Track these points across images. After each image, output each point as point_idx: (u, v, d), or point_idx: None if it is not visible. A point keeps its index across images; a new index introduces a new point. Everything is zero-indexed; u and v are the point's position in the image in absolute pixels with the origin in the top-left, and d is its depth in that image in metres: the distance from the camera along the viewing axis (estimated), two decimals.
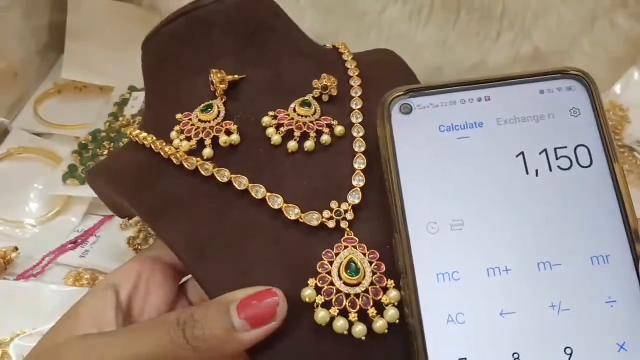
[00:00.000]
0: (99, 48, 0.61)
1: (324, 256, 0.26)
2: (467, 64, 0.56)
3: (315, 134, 0.29)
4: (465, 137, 0.26)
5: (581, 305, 0.23)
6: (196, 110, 0.30)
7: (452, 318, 0.23)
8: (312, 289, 0.25)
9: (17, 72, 0.58)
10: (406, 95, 0.27)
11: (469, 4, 0.53)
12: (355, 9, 0.55)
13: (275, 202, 0.27)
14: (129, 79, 0.59)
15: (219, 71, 0.30)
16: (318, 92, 0.30)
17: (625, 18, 0.56)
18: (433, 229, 0.25)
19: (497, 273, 0.24)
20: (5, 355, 0.39)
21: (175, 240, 0.28)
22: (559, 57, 0.57)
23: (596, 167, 0.25)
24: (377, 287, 0.25)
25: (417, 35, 0.54)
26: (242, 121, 0.30)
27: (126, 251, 0.46)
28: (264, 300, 0.24)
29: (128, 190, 0.30)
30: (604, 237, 0.24)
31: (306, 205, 0.27)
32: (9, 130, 0.56)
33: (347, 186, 0.28)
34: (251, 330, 0.24)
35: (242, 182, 0.28)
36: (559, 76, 0.27)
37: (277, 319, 0.24)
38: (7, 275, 0.45)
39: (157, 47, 0.32)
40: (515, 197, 0.25)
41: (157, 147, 0.29)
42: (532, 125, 0.26)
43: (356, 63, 0.33)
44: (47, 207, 0.50)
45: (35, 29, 0.60)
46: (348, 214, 0.27)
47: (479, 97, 0.26)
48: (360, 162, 0.28)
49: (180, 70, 0.32)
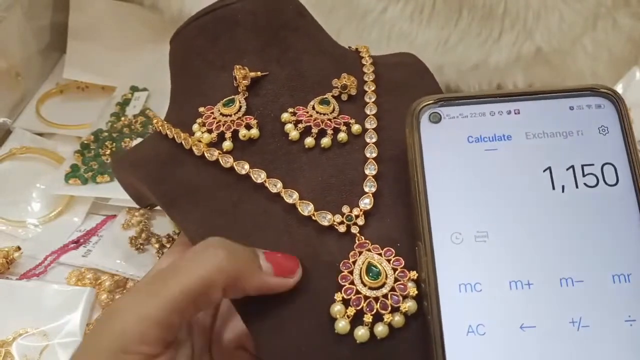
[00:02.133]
0: (101, 48, 0.61)
1: (342, 267, 0.26)
2: (468, 64, 0.56)
3: (332, 131, 0.30)
4: (493, 149, 0.26)
5: (601, 323, 0.23)
6: (218, 104, 0.31)
7: (473, 329, 0.23)
8: (341, 304, 0.25)
9: (19, 72, 0.58)
10: (436, 105, 0.27)
11: (470, 3, 0.53)
12: (356, 9, 0.55)
13: (290, 197, 0.28)
14: (131, 79, 0.59)
15: (242, 67, 0.31)
16: (337, 91, 0.31)
17: (628, 17, 0.56)
18: (458, 240, 0.25)
19: (520, 287, 0.24)
20: (7, 355, 0.39)
21: (190, 227, 0.29)
22: (561, 57, 0.56)
23: (622, 186, 0.25)
24: (403, 283, 0.25)
25: (419, 35, 0.54)
26: (262, 116, 0.31)
27: (128, 251, 0.46)
28: (288, 257, 0.26)
29: (149, 176, 0.31)
30: (626, 256, 0.24)
31: (320, 200, 0.28)
32: (11, 130, 0.56)
33: (360, 182, 0.28)
34: (274, 278, 0.25)
35: (259, 176, 0.28)
36: (589, 93, 0.27)
37: (295, 277, 0.26)
38: (9, 275, 0.45)
39: (184, 42, 0.33)
40: (540, 212, 0.25)
41: (180, 138, 0.30)
42: (560, 141, 0.26)
43: (374, 68, 0.34)
44: (50, 207, 0.50)
45: (38, 29, 0.60)
46: (359, 219, 0.27)
47: (508, 110, 0.27)
48: (372, 169, 0.29)
49: (206, 65, 0.32)
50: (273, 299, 0.26)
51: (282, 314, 0.26)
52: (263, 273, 0.25)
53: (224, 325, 0.31)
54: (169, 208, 0.30)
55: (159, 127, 0.32)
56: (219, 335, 0.31)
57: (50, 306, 0.41)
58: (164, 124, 0.32)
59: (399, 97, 0.32)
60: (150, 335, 0.23)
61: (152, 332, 0.23)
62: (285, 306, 0.26)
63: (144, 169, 0.32)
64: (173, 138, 0.31)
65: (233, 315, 0.31)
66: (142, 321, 0.23)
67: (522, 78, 0.58)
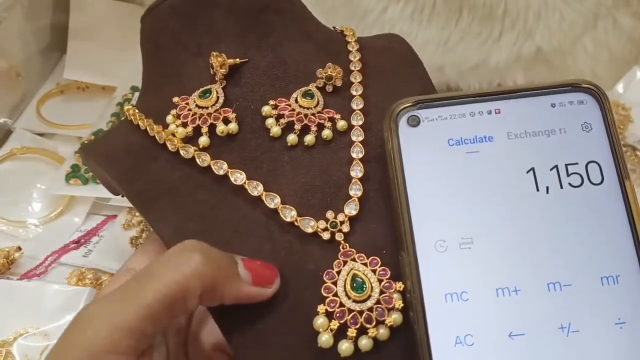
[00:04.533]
0: (101, 48, 0.61)
1: (326, 277, 0.25)
2: (469, 63, 0.56)
3: (316, 127, 0.28)
4: (475, 151, 0.25)
5: (591, 327, 0.23)
6: (194, 94, 0.29)
7: (461, 340, 0.23)
8: (324, 317, 0.24)
9: (19, 73, 0.58)
10: (414, 107, 0.26)
11: (470, 3, 0.53)
12: (356, 9, 0.55)
13: (272, 202, 0.26)
14: (132, 79, 0.59)
15: (219, 54, 0.29)
16: (322, 82, 0.29)
17: (628, 17, 0.56)
18: (442, 248, 0.24)
19: (507, 293, 0.23)
20: (8, 355, 0.39)
21: (165, 231, 0.27)
22: (561, 56, 0.56)
23: (607, 184, 0.25)
24: (388, 295, 0.24)
25: (419, 35, 0.54)
26: (241, 109, 0.29)
27: (129, 251, 0.46)
28: (267, 266, 0.25)
29: (120, 173, 0.29)
30: (614, 257, 0.24)
31: (303, 204, 0.27)
32: (12, 130, 0.56)
33: (346, 184, 0.27)
34: (252, 287, 0.24)
35: (239, 178, 0.27)
36: (570, 89, 0.26)
37: (273, 287, 0.25)
38: (10, 275, 0.45)
39: (156, 23, 0.31)
40: (525, 215, 0.24)
41: (153, 131, 0.28)
42: (543, 140, 0.25)
43: (360, 55, 0.32)
44: (50, 207, 0.50)
45: (38, 29, 0.60)
46: (344, 226, 0.26)
47: (489, 110, 0.26)
48: (357, 170, 0.27)
49: (180, 50, 0.30)
50: (254, 309, 0.25)
51: (264, 326, 0.25)
52: (241, 281, 0.24)
53: (201, 326, 0.30)
54: (142, 209, 0.28)
55: (131, 116, 0.30)
56: (196, 336, 0.30)
57: (51, 306, 0.41)
58: (135, 113, 0.30)
59: (387, 89, 0.30)
60: (121, 345, 0.21)
61: (124, 341, 0.21)
62: (267, 317, 0.25)
63: (115, 163, 0.29)
64: (145, 129, 0.29)
65: (209, 316, 0.30)
66: (114, 329, 0.21)
67: (522, 78, 0.58)
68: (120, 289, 0.23)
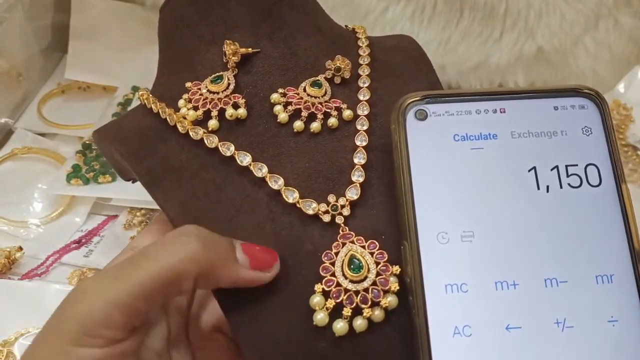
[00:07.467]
0: (102, 48, 0.61)
1: (324, 258, 0.26)
2: (470, 63, 0.56)
3: (323, 115, 0.29)
4: (479, 148, 0.26)
5: (584, 323, 0.23)
6: (206, 80, 0.30)
7: (459, 330, 0.23)
8: (320, 295, 0.25)
9: (21, 73, 0.58)
10: (422, 101, 0.26)
11: (471, 3, 0.53)
12: (357, 9, 0.55)
13: (275, 183, 0.27)
14: (133, 79, 0.59)
15: (232, 43, 0.30)
16: (331, 73, 0.30)
17: (629, 17, 0.56)
18: (444, 239, 0.25)
19: (505, 287, 0.24)
20: (10, 355, 0.39)
21: (171, 208, 0.28)
22: (562, 56, 0.56)
23: (605, 187, 0.25)
24: (384, 277, 0.25)
25: (420, 34, 0.54)
26: (251, 96, 0.30)
27: None
28: (266, 250, 0.26)
29: (131, 152, 0.30)
30: (609, 257, 0.24)
31: (306, 187, 0.27)
32: (13, 130, 0.56)
33: (349, 170, 0.28)
34: (249, 271, 0.25)
35: (244, 159, 0.28)
36: (572, 94, 0.27)
37: (272, 272, 0.25)
38: (11, 275, 0.45)
39: (174, 12, 0.32)
40: (525, 212, 0.25)
41: (165, 114, 0.29)
42: (545, 141, 0.26)
43: (370, 51, 0.32)
44: (51, 207, 0.50)
45: (39, 29, 0.60)
46: (345, 209, 0.27)
47: (494, 109, 0.26)
48: (361, 157, 0.28)
49: (195, 38, 0.31)
50: (253, 288, 0.25)
51: (262, 304, 0.26)
52: (238, 265, 0.24)
53: (202, 308, 0.31)
54: (150, 186, 0.29)
55: (144, 100, 0.31)
56: (196, 317, 0.30)
57: (52, 306, 0.40)
58: (149, 97, 0.31)
59: (393, 83, 0.31)
60: (114, 319, 0.22)
61: (117, 317, 0.22)
62: (265, 295, 0.26)
63: (126, 143, 0.30)
64: (158, 113, 0.30)
65: (210, 298, 0.30)
66: (107, 304, 0.22)
67: (523, 78, 0.58)
68: (116, 266, 0.24)
